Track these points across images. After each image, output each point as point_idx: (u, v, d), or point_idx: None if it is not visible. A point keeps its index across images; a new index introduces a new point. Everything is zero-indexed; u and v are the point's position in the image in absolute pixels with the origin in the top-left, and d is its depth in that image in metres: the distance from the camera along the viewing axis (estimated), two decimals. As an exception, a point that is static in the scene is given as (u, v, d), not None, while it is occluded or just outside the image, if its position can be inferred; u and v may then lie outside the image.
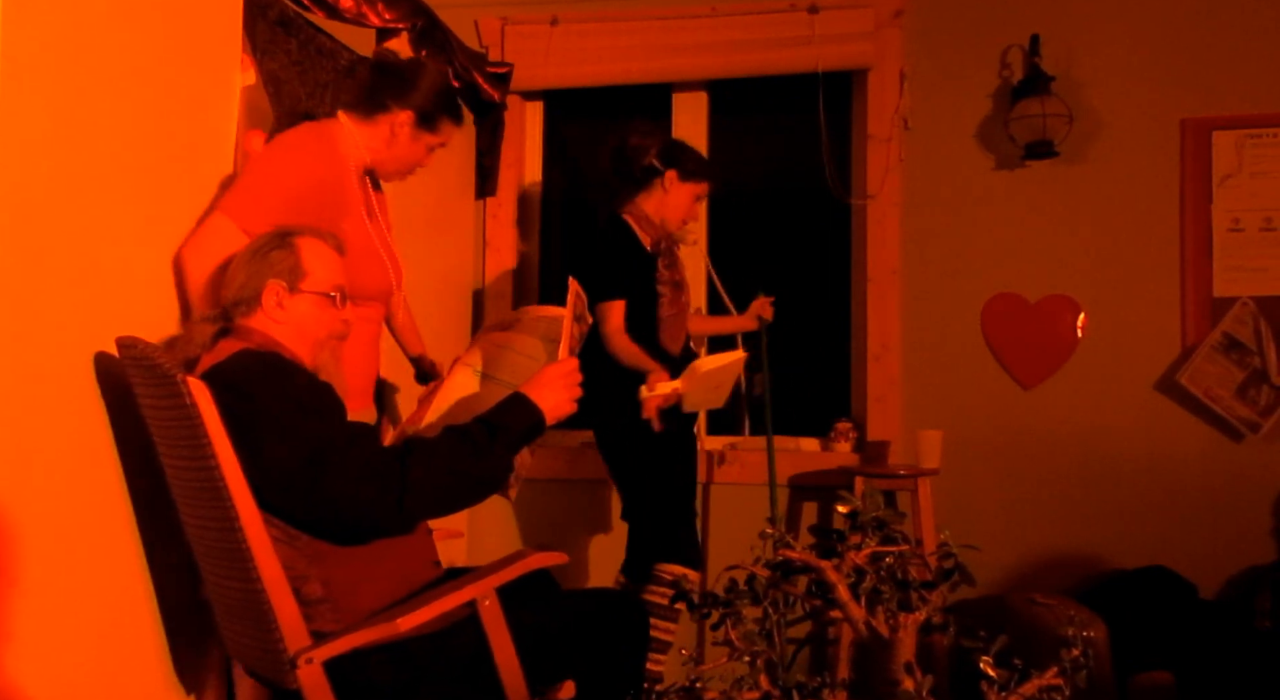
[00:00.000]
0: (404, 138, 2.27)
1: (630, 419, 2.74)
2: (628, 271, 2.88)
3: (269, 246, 1.91)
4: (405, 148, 2.29)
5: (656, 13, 3.63)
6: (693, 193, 2.98)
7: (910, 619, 1.23)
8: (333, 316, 1.93)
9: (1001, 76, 3.48)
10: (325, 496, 1.71)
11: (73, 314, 1.74)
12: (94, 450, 1.80)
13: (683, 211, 2.99)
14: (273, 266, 1.88)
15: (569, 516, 3.62)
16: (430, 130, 2.30)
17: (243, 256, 1.92)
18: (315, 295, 1.90)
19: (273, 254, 1.89)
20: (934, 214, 3.51)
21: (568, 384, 1.90)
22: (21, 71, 1.62)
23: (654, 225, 2.95)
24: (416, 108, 2.26)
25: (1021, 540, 3.35)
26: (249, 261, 1.90)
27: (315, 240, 1.93)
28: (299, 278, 1.88)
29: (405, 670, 1.77)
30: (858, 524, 1.28)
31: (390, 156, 2.30)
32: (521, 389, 1.89)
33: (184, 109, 2.04)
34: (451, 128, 2.35)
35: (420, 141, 2.30)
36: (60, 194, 1.71)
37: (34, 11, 1.64)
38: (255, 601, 1.69)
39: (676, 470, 2.88)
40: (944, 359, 3.47)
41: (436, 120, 2.30)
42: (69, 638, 1.72)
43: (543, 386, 1.88)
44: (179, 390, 1.65)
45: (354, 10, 2.70)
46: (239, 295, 1.88)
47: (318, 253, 1.92)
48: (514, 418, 1.85)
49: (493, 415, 1.85)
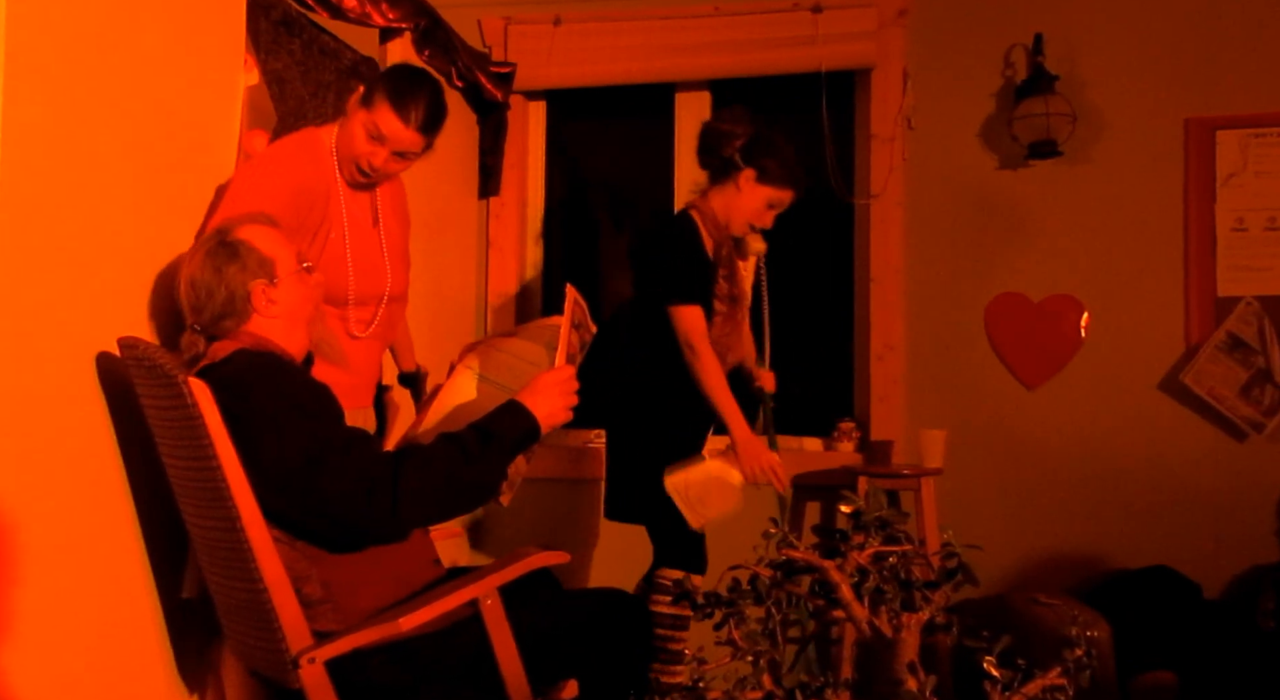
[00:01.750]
0: (349, 118, 2.14)
1: (643, 422, 2.71)
2: (699, 273, 2.65)
3: (220, 257, 1.84)
4: (348, 129, 2.14)
5: (659, 12, 3.63)
6: (766, 198, 2.69)
7: (913, 619, 1.23)
8: (312, 286, 1.92)
9: (1005, 76, 3.47)
10: (321, 500, 1.71)
11: (75, 314, 1.75)
12: (96, 449, 1.80)
13: (750, 215, 2.71)
14: (245, 269, 1.83)
15: (570, 516, 3.62)
16: (365, 106, 2.11)
17: (203, 275, 1.83)
18: (291, 276, 1.87)
19: (233, 264, 1.83)
20: (937, 213, 3.51)
21: (563, 392, 1.89)
22: (25, 72, 1.62)
23: (718, 226, 2.71)
24: (363, 80, 2.19)
25: (1024, 540, 3.35)
26: (217, 276, 1.82)
27: (252, 226, 1.88)
28: (271, 267, 1.85)
29: (407, 670, 1.77)
30: (861, 524, 1.28)
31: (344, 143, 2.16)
32: (517, 396, 1.88)
33: (187, 109, 2.04)
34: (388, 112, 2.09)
35: (355, 118, 2.12)
36: (63, 194, 1.71)
37: (37, 13, 1.64)
38: (257, 601, 1.69)
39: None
40: (947, 359, 3.47)
41: (372, 94, 2.11)
42: (70, 635, 1.72)
43: (538, 394, 1.88)
44: (180, 391, 1.65)
45: (358, 10, 2.70)
46: (221, 310, 1.83)
47: (265, 236, 1.87)
48: (508, 425, 1.84)
49: (487, 422, 1.84)
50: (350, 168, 2.17)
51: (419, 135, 2.12)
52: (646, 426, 2.73)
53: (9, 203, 1.59)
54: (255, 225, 1.88)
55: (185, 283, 1.85)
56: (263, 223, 1.90)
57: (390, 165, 2.16)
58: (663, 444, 2.71)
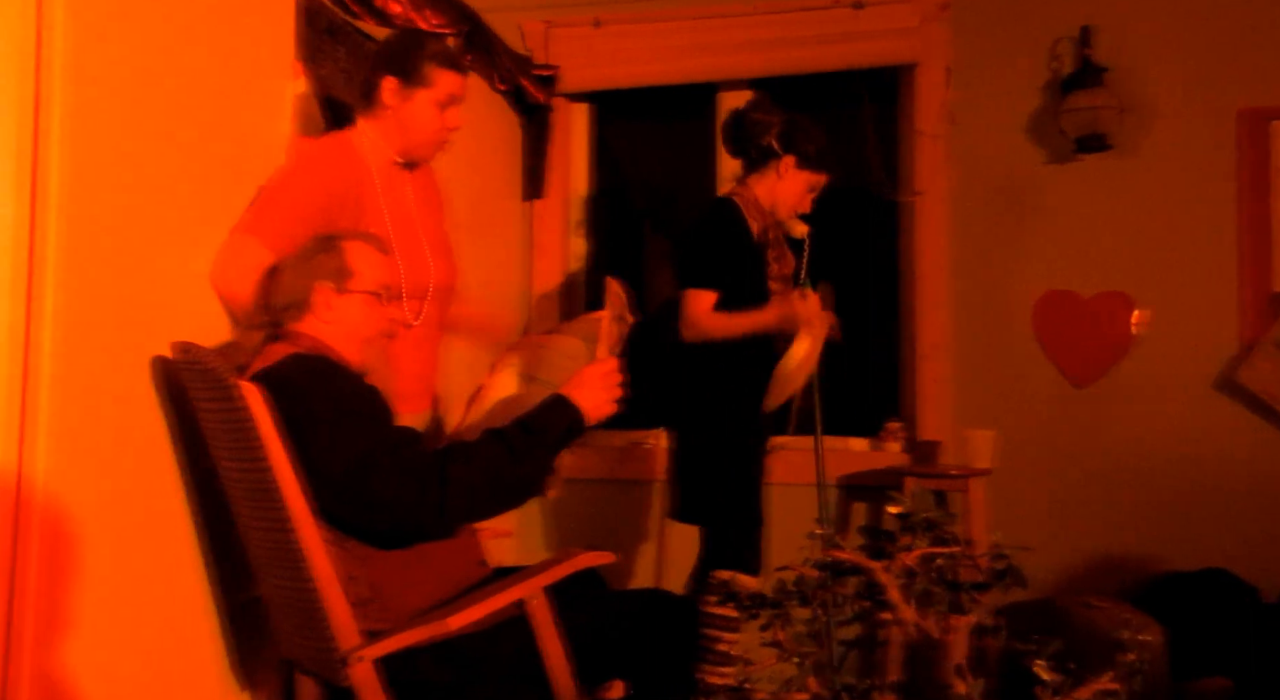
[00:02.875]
0: (399, 106, 2.18)
1: (713, 418, 2.71)
2: (728, 261, 2.71)
3: (315, 250, 1.94)
4: (411, 116, 2.18)
5: (699, 12, 3.62)
6: (807, 182, 2.78)
7: (962, 621, 1.22)
8: (380, 315, 1.96)
9: (1051, 69, 3.42)
10: (369, 499, 1.73)
11: (132, 319, 1.78)
12: (153, 451, 1.84)
13: (794, 200, 2.79)
14: (320, 269, 1.91)
15: (616, 517, 3.63)
16: (419, 85, 2.17)
17: (290, 261, 1.95)
18: (362, 295, 1.93)
19: (319, 257, 1.92)
20: (984, 210, 3.47)
21: (607, 384, 1.90)
22: (87, 87, 1.66)
23: (763, 211, 2.78)
24: (393, 70, 2.18)
25: (1075, 541, 3.30)
26: (296, 266, 1.93)
27: (360, 242, 1.97)
28: (346, 278, 1.91)
29: (454, 669, 1.78)
30: (908, 525, 1.27)
31: (404, 133, 2.21)
32: (561, 390, 1.89)
33: (239, 119, 2.08)
34: (446, 74, 2.18)
35: (416, 102, 2.18)
36: (121, 205, 1.75)
37: (97, 29, 1.68)
38: (308, 600, 1.71)
39: (755, 473, 2.79)
40: (995, 357, 3.43)
41: (419, 71, 2.16)
42: (130, 633, 1.76)
43: (582, 387, 1.88)
44: (233, 394, 1.68)
45: (402, 16, 2.73)
46: (288, 299, 1.91)
47: (363, 253, 1.95)
48: (553, 419, 1.85)
49: (533, 417, 1.86)
50: (427, 148, 2.24)
51: (466, 76, 2.25)
52: (705, 424, 2.74)
53: (71, 214, 1.63)
54: (361, 242, 1.96)
55: (274, 274, 1.94)
56: (372, 243, 1.97)
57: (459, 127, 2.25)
58: (722, 443, 2.71)
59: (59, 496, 1.61)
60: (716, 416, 2.72)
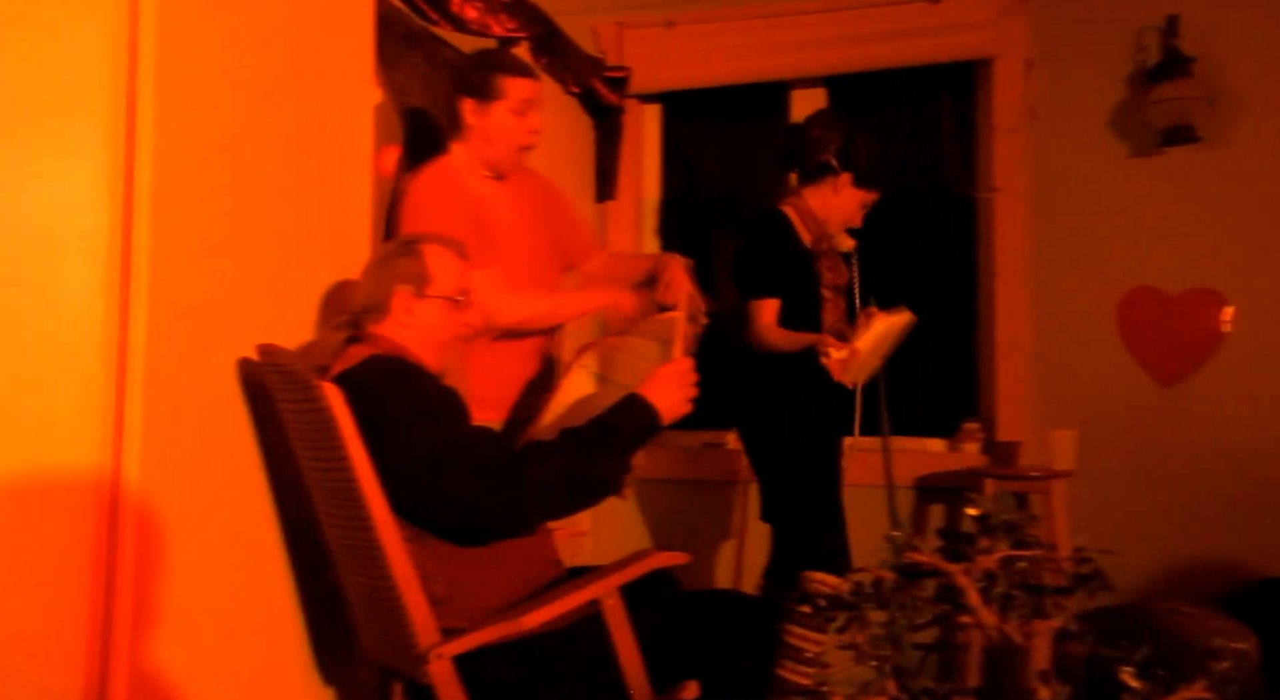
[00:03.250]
0: (481, 122, 2.30)
1: (777, 419, 2.71)
2: (782, 268, 2.76)
3: (395, 253, 1.97)
4: (493, 128, 2.30)
5: (772, 10, 3.61)
6: (861, 200, 2.83)
7: (1045, 626, 1.19)
8: (457, 320, 1.99)
9: (1135, 60, 3.33)
10: (444, 498, 1.76)
11: (218, 322, 1.83)
12: (238, 451, 1.89)
13: (846, 215, 2.84)
14: (399, 273, 1.94)
15: (691, 517, 3.63)
16: (494, 98, 2.28)
17: (371, 264, 1.99)
18: (440, 300, 1.95)
19: (399, 261, 1.95)
20: (1065, 206, 3.39)
21: (682, 384, 1.90)
22: (176, 97, 1.71)
23: (817, 222, 2.82)
24: (465, 88, 2.30)
25: (1163, 545, 3.21)
26: (376, 269, 1.97)
27: (439, 246, 1.99)
28: (425, 283, 1.94)
29: (528, 667, 1.80)
30: (988, 527, 1.24)
31: (491, 146, 2.32)
32: (637, 389, 1.90)
33: (321, 125, 2.12)
34: (516, 81, 2.29)
35: (495, 114, 2.29)
36: (207, 211, 1.80)
37: (185, 40, 1.73)
38: (387, 597, 1.74)
39: (823, 472, 2.78)
40: (1077, 356, 3.35)
41: (491, 85, 2.27)
42: (216, 626, 1.81)
43: (658, 386, 1.89)
44: (315, 395, 1.72)
45: (478, 21, 2.77)
46: (368, 302, 1.95)
47: (442, 258, 1.98)
48: (629, 418, 1.86)
49: (608, 416, 1.86)
50: (515, 154, 2.34)
51: (537, 80, 2.35)
52: (770, 425, 2.74)
53: (161, 221, 1.68)
54: (439, 245, 1.99)
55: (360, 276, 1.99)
56: (452, 248, 2.01)
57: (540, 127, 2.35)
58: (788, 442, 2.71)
59: (151, 496, 1.66)
60: (781, 417, 2.72)
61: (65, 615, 1.60)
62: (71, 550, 1.61)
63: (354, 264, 2.07)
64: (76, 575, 1.60)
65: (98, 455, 1.62)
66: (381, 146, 2.36)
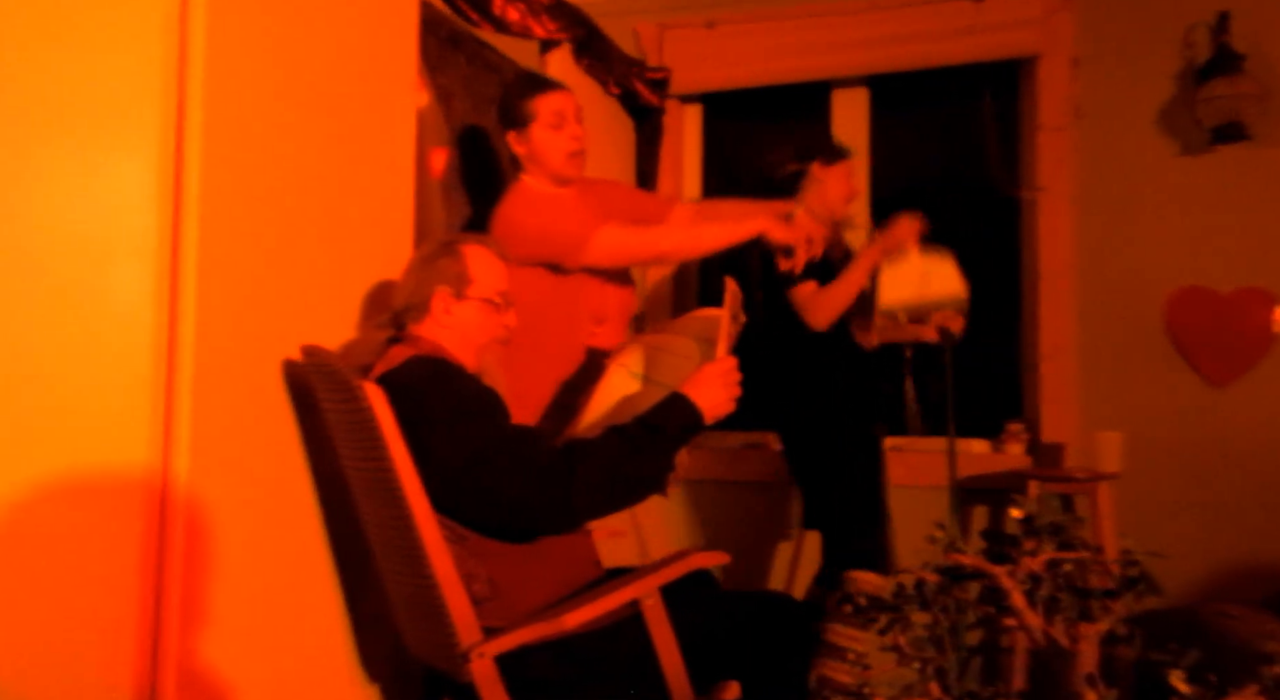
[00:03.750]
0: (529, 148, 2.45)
1: (815, 419, 2.70)
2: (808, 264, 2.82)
3: (436, 254, 1.99)
4: (538, 149, 2.45)
5: (814, 9, 3.59)
6: (842, 172, 2.94)
7: (1091, 629, 1.17)
8: (495, 322, 2.00)
9: (1185, 57, 3.28)
10: (491, 496, 1.77)
11: (264, 323, 1.86)
12: (284, 450, 1.91)
13: (840, 193, 2.95)
14: (440, 273, 1.96)
15: (730, 518, 3.62)
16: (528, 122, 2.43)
17: (412, 264, 2.01)
18: (480, 301, 1.97)
19: (440, 261, 1.97)
20: (1111, 205, 3.34)
21: (726, 383, 1.90)
22: (223, 99, 1.73)
23: (829, 213, 2.90)
24: (504, 123, 2.48)
25: (1212, 548, 3.15)
26: (418, 269, 1.99)
27: (480, 247, 2.00)
28: (465, 284, 1.96)
29: (568, 667, 1.80)
30: (1032, 529, 1.23)
31: (544, 165, 2.46)
32: (680, 388, 1.90)
33: (366, 127, 2.14)
34: (541, 99, 2.43)
35: (535, 136, 2.44)
36: (255, 213, 1.83)
37: (233, 42, 1.76)
38: (429, 596, 1.75)
39: (863, 472, 2.78)
40: (1124, 357, 3.30)
41: (521, 111, 2.44)
42: (262, 624, 1.83)
43: (701, 385, 1.88)
44: (357, 395, 1.74)
45: (520, 23, 2.78)
46: (409, 301, 1.97)
47: (483, 260, 1.99)
48: (673, 417, 1.85)
49: (652, 415, 1.86)
50: (566, 164, 2.46)
51: (565, 92, 2.47)
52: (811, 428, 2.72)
53: (211, 225, 1.71)
54: (480, 247, 2.01)
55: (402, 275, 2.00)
56: (493, 249, 2.03)
57: (581, 132, 2.47)
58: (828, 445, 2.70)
59: (199, 495, 1.69)
60: (822, 420, 2.71)
61: (115, 614, 1.62)
62: (121, 549, 1.63)
63: (397, 265, 2.09)
64: (126, 574, 1.63)
65: (147, 455, 1.64)
66: (430, 148, 2.38)
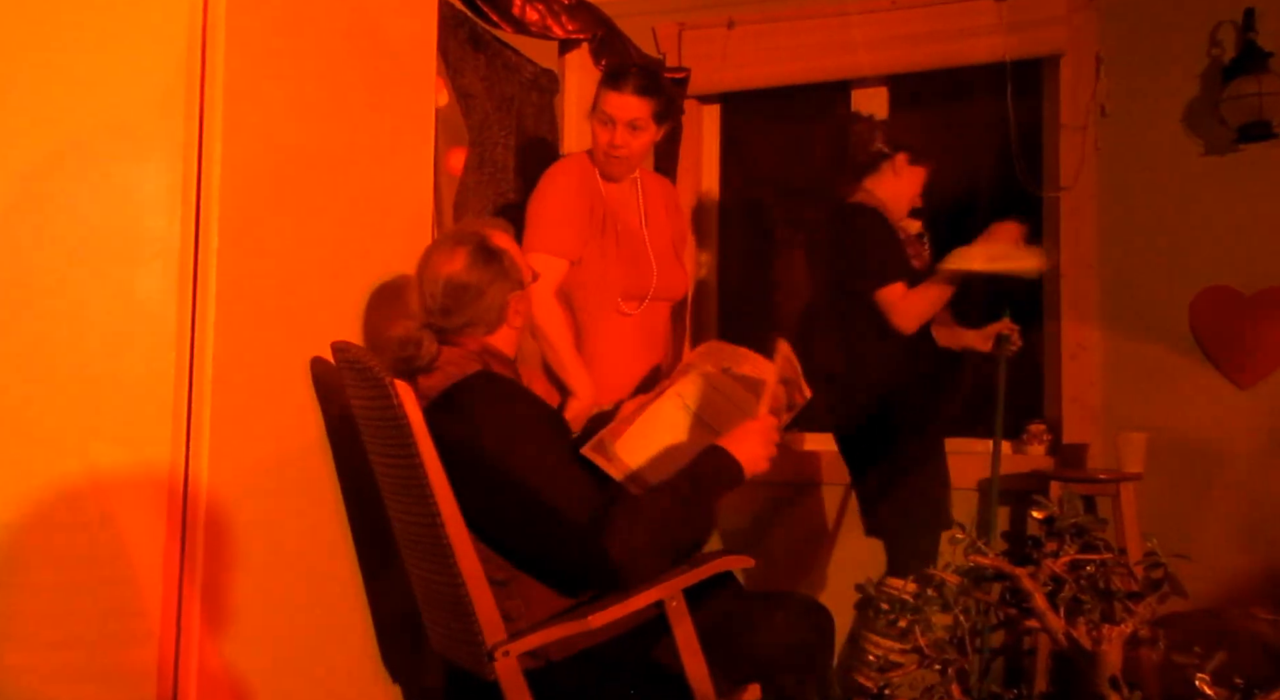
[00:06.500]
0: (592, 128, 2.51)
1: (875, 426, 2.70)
2: (895, 252, 2.74)
3: (492, 262, 1.89)
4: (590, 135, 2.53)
5: (833, 9, 3.58)
6: (921, 176, 2.85)
7: (1115, 631, 1.17)
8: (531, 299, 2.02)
9: (1211, 55, 3.25)
10: (537, 563, 1.80)
11: (286, 321, 1.87)
12: (308, 448, 1.93)
13: (911, 195, 2.86)
14: (508, 280, 1.91)
15: (751, 519, 3.61)
16: (594, 107, 2.48)
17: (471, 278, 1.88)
18: (530, 285, 1.98)
19: (502, 270, 1.90)
20: (1135, 204, 3.32)
21: (765, 441, 1.88)
22: (243, 100, 1.75)
23: (890, 211, 2.82)
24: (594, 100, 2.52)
25: (1238, 550, 3.12)
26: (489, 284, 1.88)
27: (503, 234, 1.97)
28: (521, 277, 1.95)
29: (592, 667, 1.81)
30: (1055, 530, 1.23)
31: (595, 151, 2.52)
32: (723, 442, 1.87)
33: (386, 127, 2.15)
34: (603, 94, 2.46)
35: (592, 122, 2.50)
36: (276, 211, 1.84)
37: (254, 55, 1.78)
38: (455, 594, 1.76)
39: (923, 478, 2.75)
40: (1148, 357, 3.28)
41: (596, 95, 2.49)
42: (285, 622, 1.85)
43: (742, 441, 1.87)
44: (388, 393, 1.74)
45: (540, 24, 2.79)
46: (482, 317, 1.90)
47: (514, 244, 1.98)
48: (713, 470, 1.84)
49: (694, 467, 1.84)
50: (605, 162, 2.50)
51: (636, 97, 2.43)
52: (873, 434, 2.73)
53: (231, 225, 1.72)
54: (504, 233, 1.98)
55: (442, 282, 1.88)
56: (506, 229, 2.01)
57: (629, 140, 2.46)
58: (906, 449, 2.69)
59: (221, 494, 1.70)
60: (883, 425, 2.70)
61: (137, 612, 1.63)
62: (144, 547, 1.64)
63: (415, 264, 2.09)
64: (149, 571, 1.64)
65: (169, 454, 1.65)
66: (450, 148, 2.39)
